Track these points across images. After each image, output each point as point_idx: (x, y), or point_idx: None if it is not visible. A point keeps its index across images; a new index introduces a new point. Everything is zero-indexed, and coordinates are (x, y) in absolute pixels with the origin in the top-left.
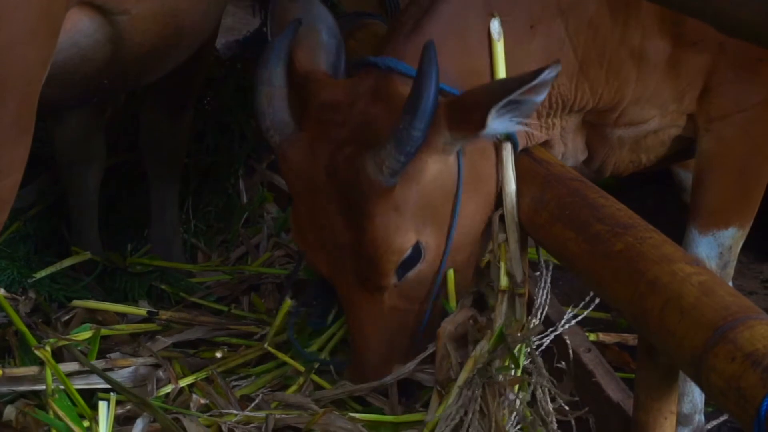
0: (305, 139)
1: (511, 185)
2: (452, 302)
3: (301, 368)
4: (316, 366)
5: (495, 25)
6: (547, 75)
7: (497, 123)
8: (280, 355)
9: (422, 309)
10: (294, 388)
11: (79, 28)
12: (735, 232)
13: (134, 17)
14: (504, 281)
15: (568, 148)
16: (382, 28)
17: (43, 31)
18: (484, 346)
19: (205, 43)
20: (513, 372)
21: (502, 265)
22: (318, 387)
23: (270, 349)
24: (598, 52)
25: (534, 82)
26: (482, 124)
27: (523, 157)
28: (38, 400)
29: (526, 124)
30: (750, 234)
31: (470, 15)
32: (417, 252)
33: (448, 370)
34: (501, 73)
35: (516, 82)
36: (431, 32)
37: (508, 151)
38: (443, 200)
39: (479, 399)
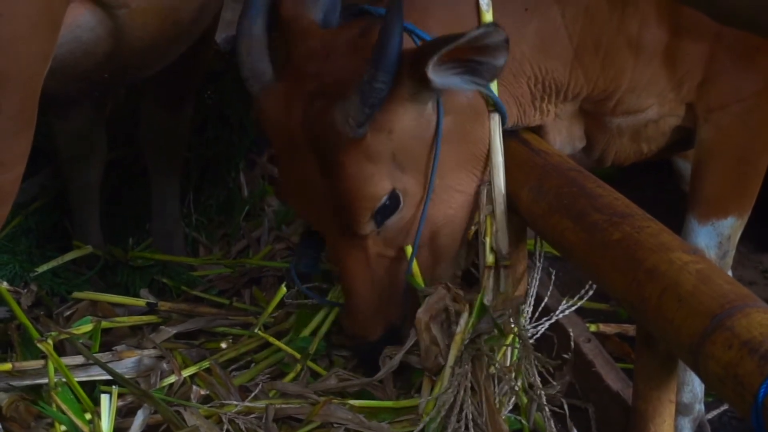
0: (281, 90)
1: (498, 156)
2: (418, 279)
3: (297, 354)
4: (312, 352)
5: None
6: (479, 33)
7: (443, 77)
8: (274, 341)
9: (407, 260)
10: (291, 375)
11: (80, 22)
12: (734, 222)
13: (134, 11)
14: (489, 258)
15: (563, 136)
16: None
17: (44, 26)
18: (467, 320)
19: (205, 36)
20: (501, 343)
21: (488, 240)
22: (315, 373)
23: (261, 333)
24: (594, 40)
25: (464, 38)
26: (425, 75)
27: (521, 147)
28: (35, 395)
29: (480, 84)
30: (749, 224)
31: None
32: (394, 199)
33: (436, 356)
34: None
35: (455, 36)
36: None
37: (495, 121)
38: (421, 148)
39: (469, 375)
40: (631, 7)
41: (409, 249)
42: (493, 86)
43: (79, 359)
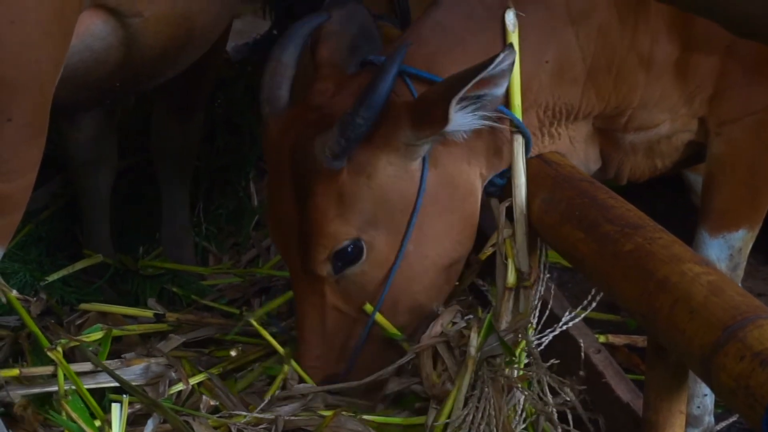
0: (285, 117)
1: (521, 177)
2: (393, 331)
3: (281, 349)
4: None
5: (510, 17)
6: (502, 61)
7: (460, 117)
8: (262, 330)
9: (363, 321)
10: (279, 378)
11: (92, 31)
12: (745, 234)
13: (147, 20)
14: (512, 278)
15: (579, 158)
16: (392, 30)
17: (56, 34)
18: (475, 342)
19: (216, 45)
20: (515, 366)
21: (510, 262)
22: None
23: (253, 321)
24: (607, 59)
25: (490, 68)
26: (445, 118)
27: (533, 159)
28: (44, 402)
29: (491, 119)
30: (759, 236)
31: (479, 9)
32: (357, 249)
33: (443, 383)
34: (515, 67)
35: (471, 71)
36: (430, 32)
37: (519, 142)
38: (401, 208)
39: (489, 395)
40: (643, 23)
41: (369, 307)
42: (517, 112)
43: (87, 366)
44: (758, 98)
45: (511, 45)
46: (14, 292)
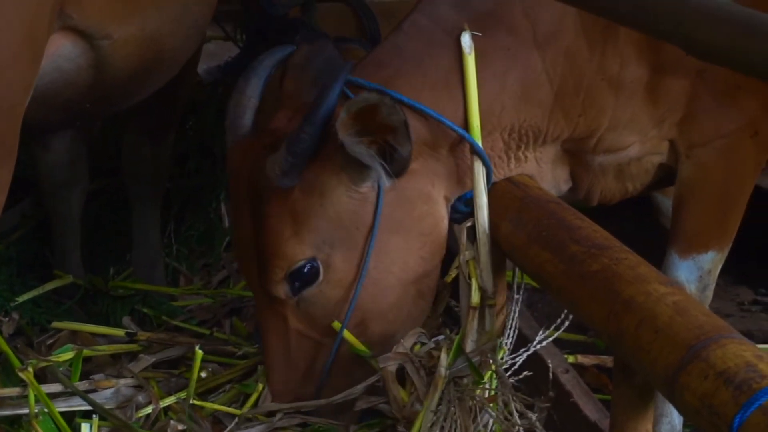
0: (246, 143)
1: (482, 197)
2: (360, 347)
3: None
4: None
5: (466, 39)
6: (388, 113)
7: (355, 147)
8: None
9: (328, 344)
10: (253, 398)
11: (62, 52)
12: (714, 256)
13: (116, 42)
14: (476, 298)
15: (547, 181)
16: (361, 52)
17: (26, 56)
18: (444, 362)
19: (186, 67)
20: (483, 386)
21: (473, 281)
22: None
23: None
24: (575, 82)
25: (356, 102)
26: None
27: (502, 181)
28: (14, 424)
29: (389, 173)
30: (727, 258)
31: (438, 33)
32: (312, 269)
33: (413, 404)
34: (472, 86)
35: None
36: (389, 56)
37: (479, 164)
38: (357, 227)
39: (456, 415)
40: (611, 47)
41: (336, 324)
42: (475, 134)
43: (58, 387)
44: (728, 122)
45: (385, 95)
46: None
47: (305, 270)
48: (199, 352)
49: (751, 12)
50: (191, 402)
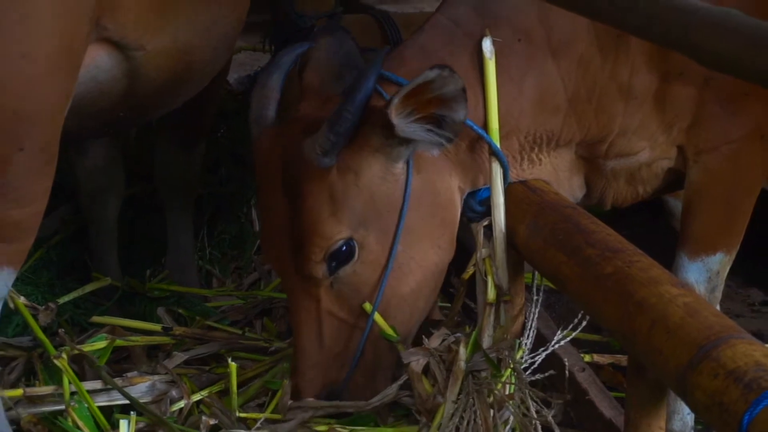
0: (274, 132)
1: (499, 197)
2: (389, 331)
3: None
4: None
5: (487, 44)
6: (432, 76)
7: (407, 126)
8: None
9: (359, 326)
10: (279, 394)
11: (98, 63)
12: (722, 258)
13: (149, 53)
14: (491, 294)
15: (565, 187)
16: None
17: (65, 67)
18: (463, 356)
19: (217, 77)
20: (503, 382)
21: (489, 279)
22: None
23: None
24: (588, 88)
25: (417, 81)
26: (389, 122)
27: (519, 186)
28: (58, 415)
29: (445, 138)
30: (737, 259)
31: (459, 34)
32: (349, 248)
33: (434, 397)
34: (492, 90)
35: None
36: (413, 54)
37: (496, 165)
38: (388, 209)
39: (469, 407)
40: (623, 55)
41: (368, 306)
42: (494, 136)
43: (95, 384)
44: (734, 128)
45: (444, 66)
46: (22, 299)
47: (343, 249)
48: (233, 365)
49: (758, 22)
50: (237, 415)
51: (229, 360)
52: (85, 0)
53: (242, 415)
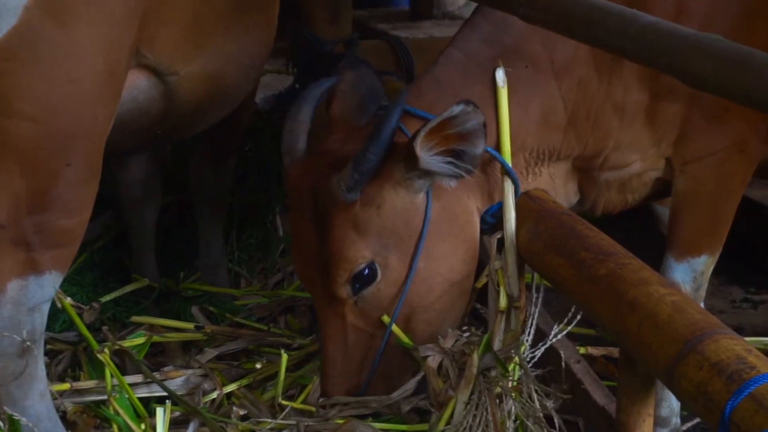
0: (304, 164)
1: (510, 212)
2: (403, 338)
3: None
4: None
5: (500, 74)
6: (464, 119)
7: (430, 160)
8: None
9: (380, 336)
10: (309, 388)
11: (138, 86)
12: (707, 259)
13: (182, 78)
14: (503, 302)
15: (559, 193)
16: (398, 83)
17: (108, 91)
18: (475, 359)
19: (246, 99)
20: (508, 378)
21: (502, 289)
22: None
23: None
24: (586, 107)
25: (441, 117)
26: (414, 156)
27: (521, 195)
28: (101, 405)
29: (464, 170)
30: (720, 260)
31: (472, 66)
32: (372, 271)
33: (446, 392)
34: (504, 116)
35: (431, 121)
36: (429, 86)
37: (509, 184)
38: (410, 234)
39: (485, 403)
40: (617, 76)
41: (386, 318)
42: (506, 156)
43: (137, 378)
44: (717, 141)
45: (469, 102)
46: (69, 299)
47: (366, 272)
48: (285, 356)
49: (738, 46)
50: (280, 401)
51: (282, 351)
52: (126, 32)
53: (285, 402)
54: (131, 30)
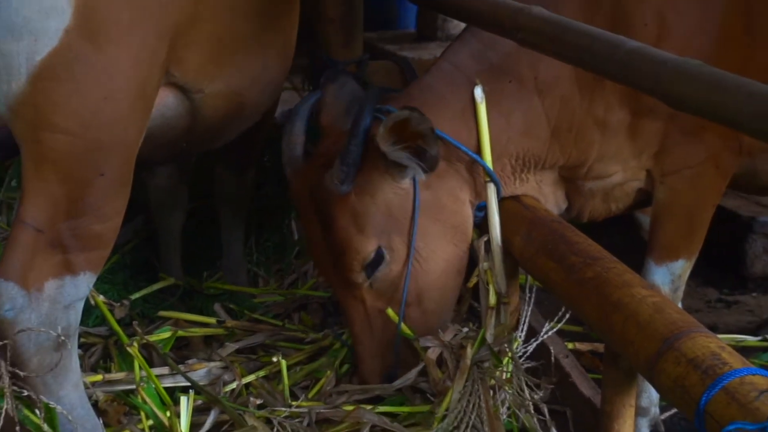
0: (303, 169)
1: (494, 217)
2: (405, 329)
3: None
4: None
5: (478, 91)
6: (404, 116)
7: (396, 154)
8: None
9: (398, 311)
10: (322, 381)
11: (166, 102)
12: (684, 263)
13: (206, 95)
14: (492, 299)
15: (550, 202)
16: None
17: (140, 108)
18: (471, 354)
19: (266, 114)
20: (501, 370)
21: (491, 287)
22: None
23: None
24: (568, 121)
25: (392, 118)
26: (378, 148)
27: (515, 203)
28: (125, 397)
29: (422, 168)
30: (697, 264)
31: (459, 76)
32: (379, 254)
33: (444, 381)
34: (484, 127)
35: (387, 120)
36: (418, 92)
37: (491, 187)
38: (404, 215)
39: (479, 392)
40: (599, 95)
41: (392, 313)
42: (488, 160)
43: (163, 370)
44: (694, 155)
45: (414, 109)
46: (101, 297)
47: (374, 257)
48: (283, 361)
49: (715, 70)
50: (289, 403)
51: (281, 358)
52: (157, 54)
53: (310, 405)
54: (162, 52)
